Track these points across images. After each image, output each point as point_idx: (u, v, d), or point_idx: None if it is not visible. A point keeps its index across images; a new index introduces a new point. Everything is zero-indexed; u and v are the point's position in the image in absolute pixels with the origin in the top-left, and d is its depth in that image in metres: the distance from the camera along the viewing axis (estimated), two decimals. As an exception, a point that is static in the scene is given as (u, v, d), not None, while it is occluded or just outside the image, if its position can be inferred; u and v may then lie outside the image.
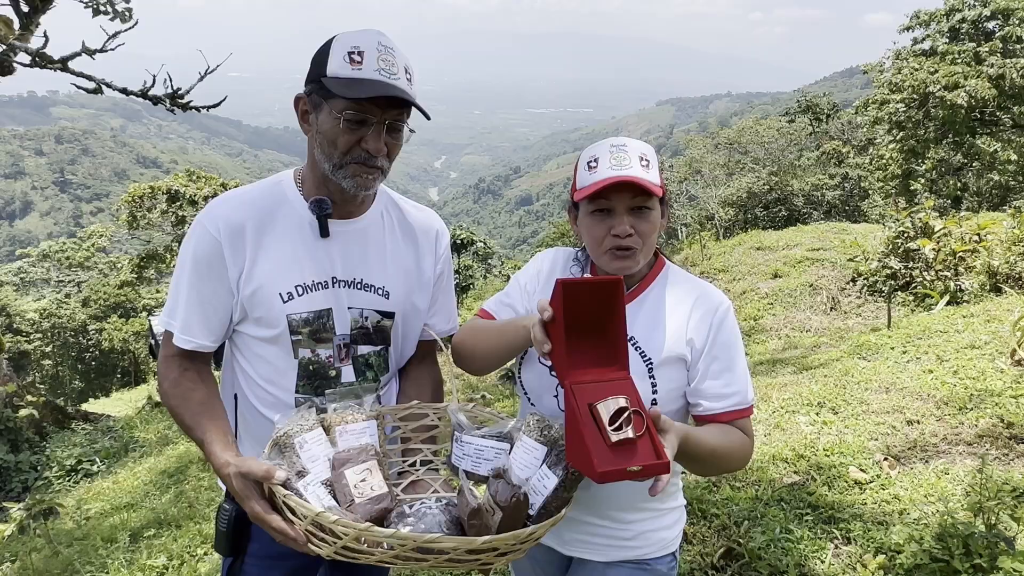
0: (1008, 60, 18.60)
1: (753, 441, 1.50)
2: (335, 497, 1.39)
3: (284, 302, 1.50)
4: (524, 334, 1.38)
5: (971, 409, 3.86)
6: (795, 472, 3.58)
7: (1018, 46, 19.03)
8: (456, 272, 11.21)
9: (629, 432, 1.17)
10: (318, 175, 1.50)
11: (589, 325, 1.28)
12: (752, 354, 6.84)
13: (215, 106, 3.24)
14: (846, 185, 25.68)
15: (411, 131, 1.50)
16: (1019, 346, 4.23)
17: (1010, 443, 3.48)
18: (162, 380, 1.52)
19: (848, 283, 8.18)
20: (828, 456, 3.64)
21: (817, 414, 4.25)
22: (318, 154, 1.47)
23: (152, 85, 3.24)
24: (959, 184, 19.82)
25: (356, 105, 1.39)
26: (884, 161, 21.07)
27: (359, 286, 1.55)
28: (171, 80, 3.21)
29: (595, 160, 1.47)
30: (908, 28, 21.42)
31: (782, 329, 7.54)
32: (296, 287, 1.50)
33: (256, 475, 1.29)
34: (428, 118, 1.50)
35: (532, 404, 1.64)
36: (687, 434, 1.28)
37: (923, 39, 21.19)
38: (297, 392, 1.56)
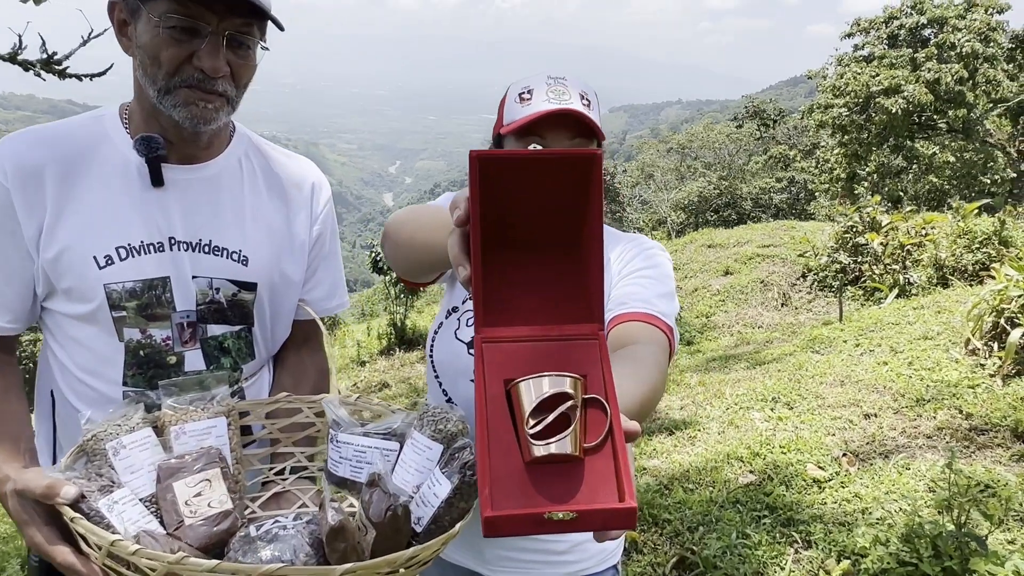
0: (943, 65, 19.17)
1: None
2: (160, 518, 1.05)
3: (100, 268, 1.15)
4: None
5: (928, 401, 3.69)
6: (751, 471, 3.35)
7: (952, 52, 19.65)
8: None
9: (567, 443, 0.69)
10: (146, 106, 1.17)
11: (538, 239, 0.81)
12: (704, 351, 6.66)
13: (101, 74, 2.85)
14: (793, 188, 26.22)
15: (264, 48, 1.17)
16: (973, 335, 4.10)
17: (970, 435, 3.31)
18: None
19: (798, 279, 8.11)
20: (785, 454, 3.43)
21: (772, 410, 4.04)
22: (141, 77, 1.14)
23: (23, 47, 2.84)
24: (899, 187, 20.32)
25: (182, 8, 1.06)
26: (829, 164, 21.51)
27: (207, 249, 1.22)
28: (45, 43, 2.81)
29: (528, 92, 1.23)
30: (849, 35, 21.94)
31: (734, 326, 7.40)
32: (117, 249, 1.16)
33: (34, 492, 0.94)
34: (282, 29, 1.18)
35: (445, 393, 1.34)
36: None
37: (863, 46, 21.74)
38: (126, 385, 1.21)
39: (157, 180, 1.16)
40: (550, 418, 0.71)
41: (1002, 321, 3.94)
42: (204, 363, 1.24)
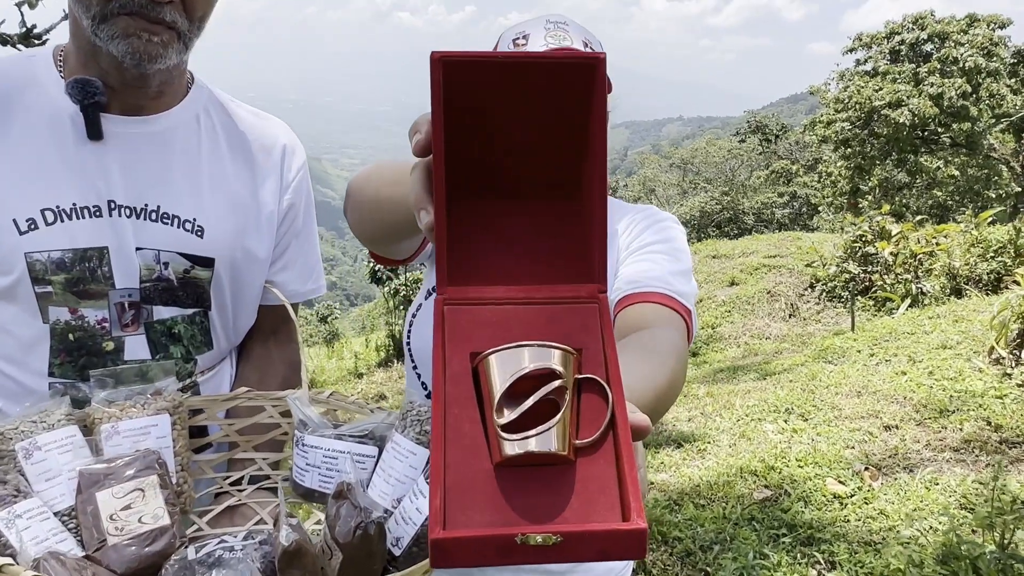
0: (946, 80, 19.10)
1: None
2: (80, 535, 0.87)
3: (21, 233, 0.97)
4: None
5: (953, 412, 3.49)
6: (766, 486, 3.14)
7: (954, 67, 19.60)
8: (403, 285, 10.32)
9: (552, 439, 0.50)
10: (82, 44, 0.99)
11: (522, 177, 0.62)
12: (711, 362, 6.46)
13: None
14: (795, 203, 26.13)
15: None
16: (997, 343, 3.90)
17: (1000, 448, 3.11)
18: None
19: (806, 289, 7.92)
20: (802, 467, 3.22)
21: (785, 421, 3.84)
22: (74, 6, 0.97)
23: (0, 21, 2.67)
24: (902, 202, 20.21)
25: None
26: (832, 178, 21.40)
27: (154, 216, 1.03)
28: (24, 16, 2.65)
29: (524, 37, 1.07)
30: (851, 50, 21.91)
31: (741, 337, 7.20)
32: (43, 211, 0.97)
33: None
34: None
35: (424, 387, 1.16)
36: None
37: (865, 60, 21.72)
38: (52, 375, 1.03)
39: (94, 132, 0.98)
40: (529, 403, 0.51)
41: (1028, 329, 3.75)
42: (149, 351, 1.06)
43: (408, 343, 1.13)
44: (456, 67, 0.55)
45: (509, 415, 0.51)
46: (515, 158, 0.61)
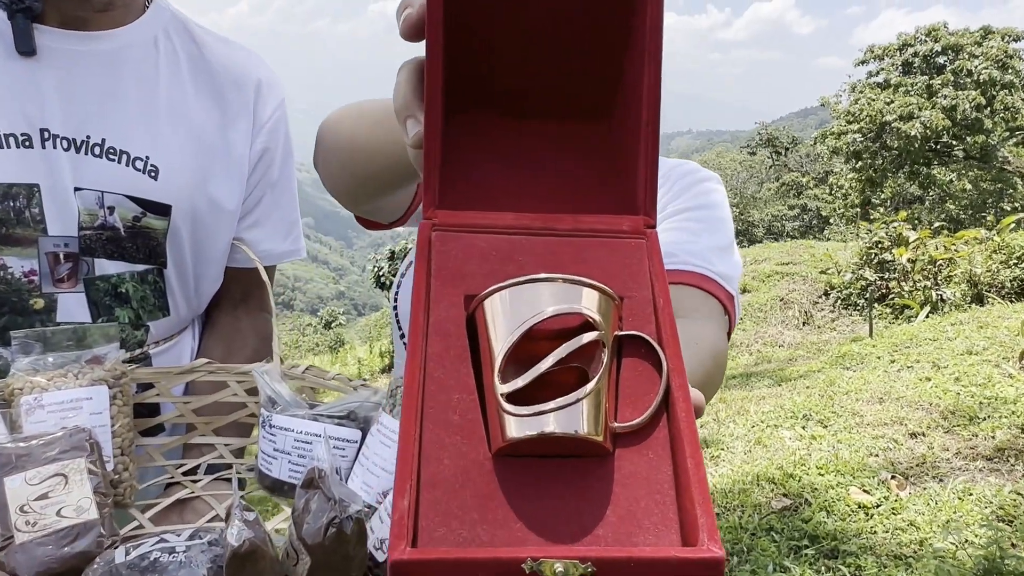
0: (960, 92, 18.91)
1: None
2: (-16, 529, 0.71)
3: None
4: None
5: (984, 419, 3.30)
6: (784, 495, 2.96)
7: (968, 79, 19.42)
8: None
9: (577, 416, 0.34)
10: None
11: (549, 90, 0.47)
12: (723, 370, 6.29)
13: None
14: (805, 216, 25.99)
15: None
16: (1028, 349, 3.72)
17: (1037, 457, 2.92)
18: None
19: (820, 297, 7.74)
20: (822, 475, 3.04)
21: (803, 427, 3.66)
22: None
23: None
24: (915, 216, 20.01)
25: None
26: (843, 191, 21.22)
27: (97, 151, 0.88)
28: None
29: None
30: (863, 62, 21.77)
31: (753, 344, 7.02)
32: None
33: None
34: None
35: None
36: None
37: (877, 72, 21.57)
38: None
39: (25, 45, 0.83)
40: (548, 363, 0.35)
41: (1061, 333, 3.56)
42: (89, 313, 0.90)
43: (395, 307, 0.98)
44: None
45: (517, 381, 0.36)
46: (535, 59, 0.46)
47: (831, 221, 22.60)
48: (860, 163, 20.12)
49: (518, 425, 0.34)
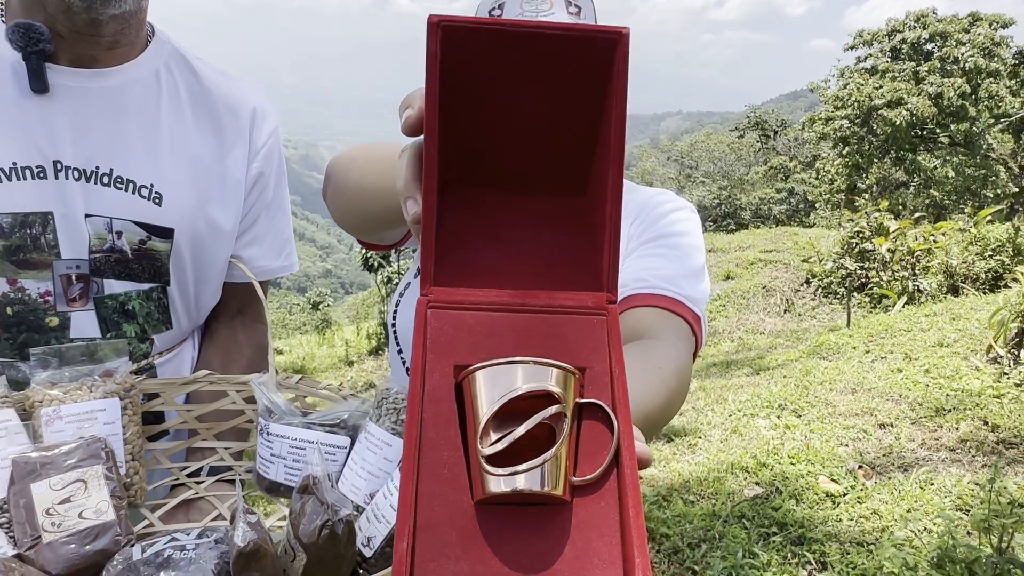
0: (946, 80, 19.03)
1: None
2: (11, 531, 0.79)
3: None
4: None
5: (949, 411, 3.44)
6: (757, 483, 3.09)
7: (955, 66, 19.52)
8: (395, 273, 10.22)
9: (545, 475, 0.44)
10: None
11: (528, 168, 0.54)
12: (704, 356, 6.41)
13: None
14: (792, 200, 26.13)
15: None
16: (995, 342, 3.85)
17: (997, 448, 3.06)
18: None
19: (802, 285, 7.88)
20: (794, 464, 3.16)
21: (779, 417, 3.79)
22: None
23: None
24: (899, 201, 20.18)
25: None
26: (830, 176, 21.36)
27: (106, 180, 0.95)
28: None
29: (499, 7, 0.98)
30: (852, 47, 21.81)
31: (735, 331, 7.15)
32: None
33: None
34: None
35: (408, 370, 1.08)
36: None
37: (866, 58, 21.62)
38: None
39: (39, 84, 0.90)
40: (520, 431, 0.44)
41: (1027, 328, 3.69)
42: (99, 329, 0.98)
43: (393, 324, 1.06)
44: (456, 34, 0.47)
45: (496, 444, 0.44)
46: (518, 144, 0.53)
47: (816, 206, 22.78)
48: (847, 149, 20.26)
49: (495, 482, 0.43)
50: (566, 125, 0.52)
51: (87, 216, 0.94)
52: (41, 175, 0.91)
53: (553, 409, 0.45)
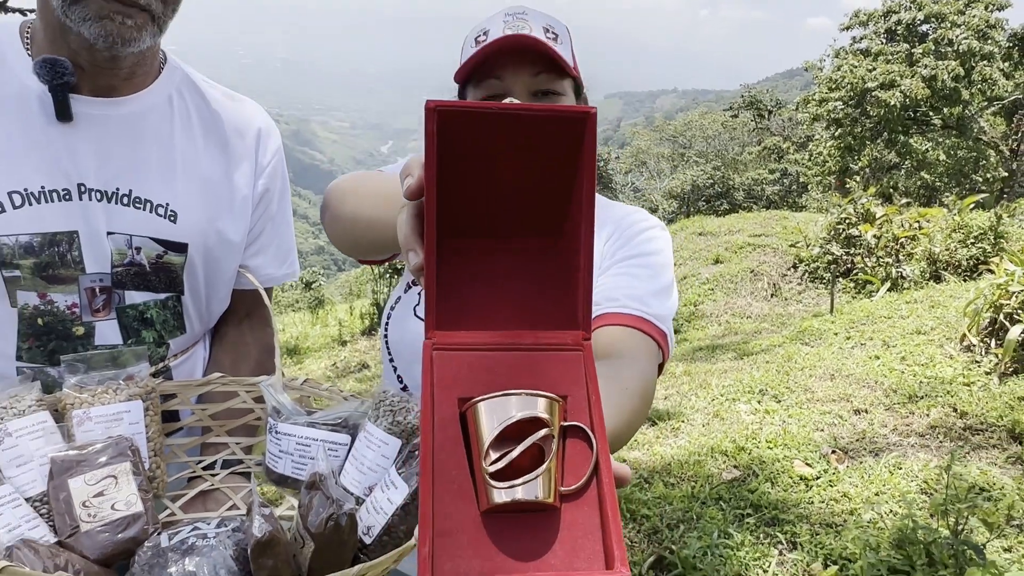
0: (940, 62, 19.04)
1: None
2: (52, 522, 0.89)
3: None
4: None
5: (921, 398, 3.58)
6: (735, 466, 3.23)
7: (949, 48, 19.51)
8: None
9: (538, 487, 0.54)
10: (51, 22, 0.99)
11: (512, 222, 0.64)
12: (691, 340, 6.54)
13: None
14: (785, 180, 26.16)
15: None
16: (969, 331, 3.98)
17: (965, 435, 3.20)
18: None
19: (789, 269, 8.00)
20: (771, 448, 3.30)
21: (759, 402, 3.92)
22: None
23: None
24: (891, 183, 20.27)
25: None
26: (822, 157, 21.41)
27: (126, 200, 1.04)
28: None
29: (484, 34, 1.07)
30: (848, 27, 21.74)
31: (722, 315, 7.28)
32: (10, 194, 0.98)
33: None
34: None
35: (400, 380, 1.18)
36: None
37: (861, 39, 21.56)
38: (20, 360, 1.04)
39: (64, 113, 0.98)
40: (517, 452, 0.54)
41: (1000, 317, 3.82)
42: (121, 336, 1.07)
43: (385, 335, 1.16)
44: (450, 117, 0.57)
45: (497, 463, 0.54)
46: (504, 201, 0.63)
47: (809, 188, 22.87)
48: (840, 130, 20.31)
49: (498, 494, 0.54)
50: (544, 188, 0.63)
51: (109, 234, 1.03)
52: (67, 197, 1.00)
53: (543, 432, 0.55)
